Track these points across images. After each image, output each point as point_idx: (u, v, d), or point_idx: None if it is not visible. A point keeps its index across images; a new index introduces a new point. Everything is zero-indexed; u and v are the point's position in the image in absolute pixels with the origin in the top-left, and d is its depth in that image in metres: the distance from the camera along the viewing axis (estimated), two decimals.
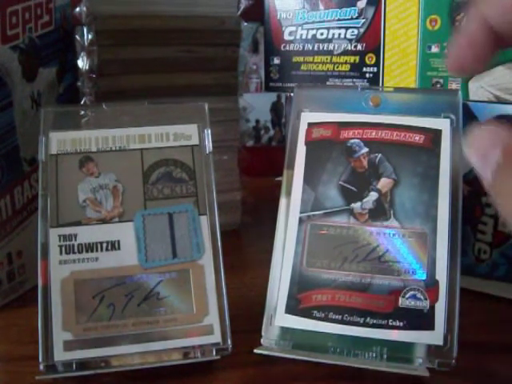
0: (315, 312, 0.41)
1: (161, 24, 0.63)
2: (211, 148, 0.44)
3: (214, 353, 0.41)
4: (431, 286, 0.41)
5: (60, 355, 0.39)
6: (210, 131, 0.44)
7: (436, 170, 0.43)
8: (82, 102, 0.62)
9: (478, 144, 0.28)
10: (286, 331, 0.42)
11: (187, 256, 0.42)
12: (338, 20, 0.71)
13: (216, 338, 0.41)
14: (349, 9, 0.70)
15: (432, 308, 0.40)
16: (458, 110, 0.44)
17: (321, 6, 0.72)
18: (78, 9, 0.62)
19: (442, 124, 0.44)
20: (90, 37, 0.61)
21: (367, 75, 0.70)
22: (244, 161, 0.72)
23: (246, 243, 0.70)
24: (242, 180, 0.72)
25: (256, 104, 0.90)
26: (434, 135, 0.43)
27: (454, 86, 0.64)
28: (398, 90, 0.50)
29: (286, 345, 0.41)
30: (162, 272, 0.42)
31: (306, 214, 0.44)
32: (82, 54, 0.62)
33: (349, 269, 0.42)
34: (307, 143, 0.45)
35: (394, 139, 0.44)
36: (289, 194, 0.44)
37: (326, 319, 0.41)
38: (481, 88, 0.63)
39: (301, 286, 0.42)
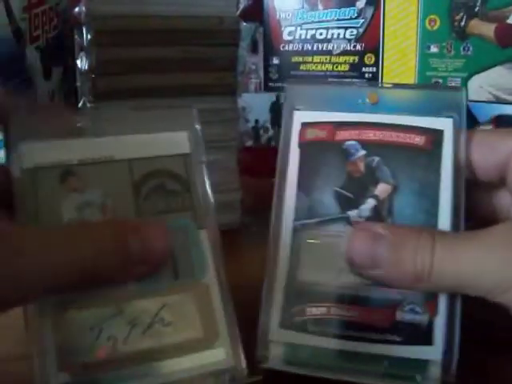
0: (311, 326, 0.39)
1: (160, 24, 0.63)
2: (204, 156, 0.40)
3: (228, 377, 0.37)
4: (430, 298, 0.38)
5: None
6: (202, 138, 0.40)
7: (437, 175, 0.40)
8: (81, 103, 0.62)
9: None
10: (280, 346, 0.39)
11: (190, 276, 0.38)
12: (337, 20, 0.71)
13: (229, 361, 0.37)
14: (348, 9, 0.70)
15: (431, 322, 0.38)
16: (462, 109, 0.41)
17: (320, 6, 0.72)
18: (77, 9, 0.62)
19: (444, 124, 0.41)
20: (89, 37, 0.61)
21: (366, 75, 0.70)
22: (243, 161, 0.72)
23: (245, 243, 0.70)
24: (241, 180, 0.72)
25: (255, 104, 0.90)
26: (435, 136, 0.41)
27: (453, 85, 0.64)
28: (396, 86, 0.47)
29: (280, 360, 0.39)
30: (165, 295, 0.37)
31: (300, 222, 0.41)
32: (81, 54, 0.62)
33: (346, 280, 0.39)
34: (301, 145, 0.42)
35: (392, 140, 0.41)
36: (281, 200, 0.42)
37: (321, 334, 0.39)
38: (481, 88, 0.63)
39: (295, 299, 0.40)
